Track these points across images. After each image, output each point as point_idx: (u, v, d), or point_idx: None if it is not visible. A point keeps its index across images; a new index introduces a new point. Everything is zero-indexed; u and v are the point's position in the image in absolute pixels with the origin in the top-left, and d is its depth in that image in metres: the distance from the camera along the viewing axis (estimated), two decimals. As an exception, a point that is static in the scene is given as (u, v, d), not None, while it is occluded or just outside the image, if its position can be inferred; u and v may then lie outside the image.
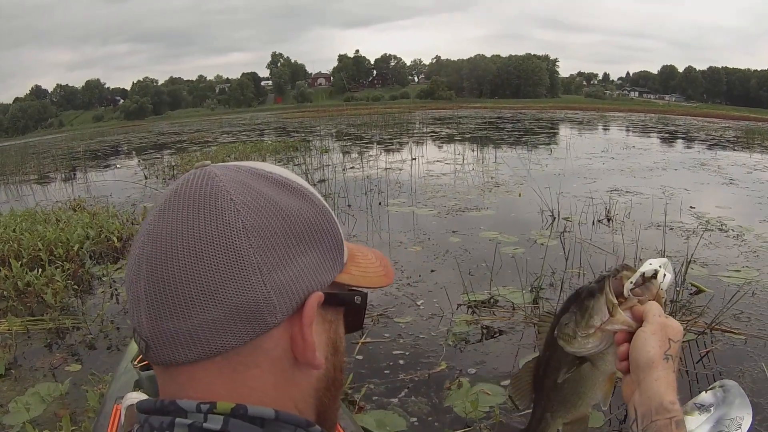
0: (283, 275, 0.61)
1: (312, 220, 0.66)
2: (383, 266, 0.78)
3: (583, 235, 6.53)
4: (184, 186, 0.64)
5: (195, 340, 0.59)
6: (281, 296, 0.61)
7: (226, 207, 0.60)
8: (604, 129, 28.86)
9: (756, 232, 6.65)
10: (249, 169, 0.68)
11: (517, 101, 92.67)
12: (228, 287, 0.58)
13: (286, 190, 0.66)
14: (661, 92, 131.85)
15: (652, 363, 0.90)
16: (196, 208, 0.61)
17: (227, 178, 0.64)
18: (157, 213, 0.64)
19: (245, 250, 0.59)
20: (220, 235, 0.59)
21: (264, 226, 0.61)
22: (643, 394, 0.91)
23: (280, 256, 0.61)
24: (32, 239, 6.34)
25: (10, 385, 3.72)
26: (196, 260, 0.59)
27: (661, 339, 0.91)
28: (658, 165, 12.88)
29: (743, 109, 67.57)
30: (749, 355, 3.71)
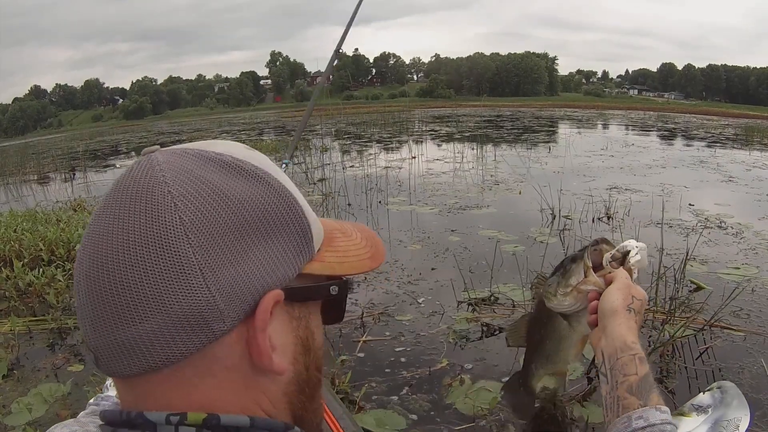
0: (229, 275, 0.54)
1: (266, 207, 0.58)
2: (370, 246, 0.73)
3: (583, 233, 6.54)
4: (124, 178, 0.60)
5: (139, 351, 0.54)
6: (228, 300, 0.54)
7: (163, 201, 0.54)
8: (604, 127, 28.86)
9: (755, 229, 6.67)
10: (196, 152, 0.61)
11: (517, 99, 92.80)
12: (168, 293, 0.52)
13: (235, 174, 0.59)
14: (661, 90, 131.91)
15: (615, 311, 1.06)
16: (131, 205, 0.55)
17: (168, 166, 0.58)
18: (97, 210, 0.60)
19: (184, 250, 0.53)
20: (155, 234, 0.53)
21: (205, 220, 0.54)
22: (608, 337, 1.04)
23: (225, 254, 0.54)
24: (33, 239, 6.35)
25: (13, 386, 3.73)
26: (132, 264, 0.53)
27: (624, 294, 1.07)
28: (658, 163, 12.89)
29: (742, 107, 67.73)
30: (749, 351, 3.72)
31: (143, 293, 0.52)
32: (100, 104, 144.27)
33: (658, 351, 3.68)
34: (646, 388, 0.99)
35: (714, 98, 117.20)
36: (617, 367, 1.02)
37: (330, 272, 0.65)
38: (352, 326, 4.36)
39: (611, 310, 1.06)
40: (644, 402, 1.00)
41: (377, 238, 0.78)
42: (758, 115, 41.16)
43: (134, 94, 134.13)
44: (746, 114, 44.05)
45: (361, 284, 5.27)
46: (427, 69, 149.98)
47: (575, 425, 2.97)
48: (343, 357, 3.84)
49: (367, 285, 5.26)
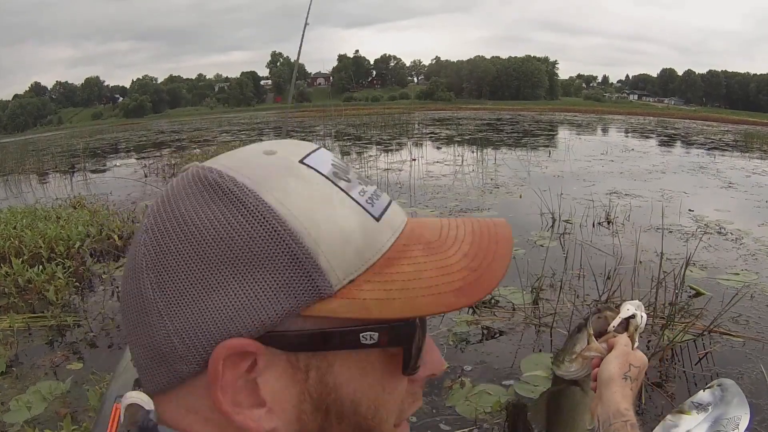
0: (186, 316, 0.48)
1: (237, 238, 0.47)
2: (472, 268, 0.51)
3: (583, 237, 6.55)
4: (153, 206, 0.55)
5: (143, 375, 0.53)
6: (185, 343, 0.48)
7: (139, 237, 0.52)
8: (604, 131, 28.90)
9: (755, 235, 6.68)
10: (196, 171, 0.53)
11: (517, 103, 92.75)
12: (138, 326, 0.50)
13: (212, 196, 0.49)
14: (661, 95, 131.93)
15: (611, 379, 1.07)
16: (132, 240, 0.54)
17: (164, 194, 0.53)
18: None
19: (145, 287, 0.49)
20: (132, 272, 0.51)
21: (165, 256, 0.48)
22: (603, 404, 1.06)
23: (181, 293, 0.48)
24: (33, 236, 6.35)
25: (12, 383, 3.73)
26: (124, 297, 0.52)
27: (622, 362, 1.09)
28: (657, 168, 12.91)
29: (742, 113, 67.77)
30: (747, 357, 3.73)
31: (131, 322, 0.51)
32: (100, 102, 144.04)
33: (658, 355, 3.69)
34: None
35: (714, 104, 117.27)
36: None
37: (360, 314, 0.48)
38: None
39: (608, 378, 1.10)
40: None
41: (499, 250, 0.54)
42: (758, 122, 41.25)
43: (134, 92, 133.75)
44: (746, 120, 44.12)
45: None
46: (427, 71, 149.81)
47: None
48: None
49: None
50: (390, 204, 0.56)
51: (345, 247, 0.49)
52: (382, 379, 0.53)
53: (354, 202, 0.52)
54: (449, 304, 0.49)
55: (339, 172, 0.54)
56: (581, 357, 1.15)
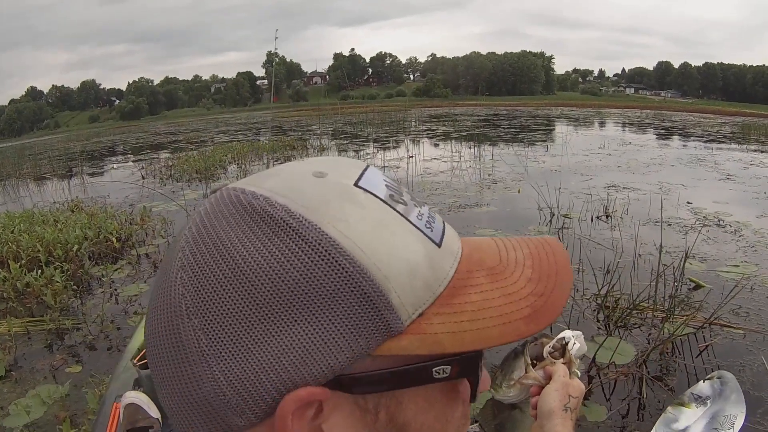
0: (240, 365, 0.43)
1: (297, 276, 0.43)
2: (539, 294, 0.49)
3: (582, 231, 6.54)
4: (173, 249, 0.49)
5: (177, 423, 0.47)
6: (241, 394, 0.43)
7: (172, 273, 0.46)
8: (600, 125, 28.87)
9: (754, 227, 6.67)
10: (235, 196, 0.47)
11: (513, 98, 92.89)
12: (180, 377, 0.45)
13: (263, 228, 0.44)
14: (657, 88, 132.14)
15: (552, 412, 1.08)
16: (159, 273, 0.49)
17: (197, 222, 0.47)
18: None
19: (186, 333, 0.44)
20: (166, 314, 0.45)
21: (211, 298, 0.43)
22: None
23: (233, 340, 0.43)
24: (31, 240, 6.33)
25: (11, 387, 3.71)
26: (155, 341, 0.47)
27: (561, 394, 1.10)
28: (655, 161, 12.89)
29: (739, 105, 67.89)
30: (748, 349, 3.72)
31: (165, 370, 0.46)
32: (96, 105, 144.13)
33: (658, 349, 3.68)
34: None
35: (711, 96, 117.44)
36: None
37: (433, 350, 0.46)
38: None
39: (548, 411, 1.10)
40: None
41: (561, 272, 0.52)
42: (755, 113, 41.27)
43: (131, 94, 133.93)
44: (743, 112, 44.16)
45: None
46: (423, 68, 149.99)
47: (577, 423, 2.96)
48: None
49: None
50: (445, 226, 0.53)
51: (413, 279, 0.45)
52: (445, 409, 0.52)
53: (415, 228, 0.48)
54: (520, 332, 0.47)
55: (394, 194, 0.51)
56: (519, 384, 1.18)
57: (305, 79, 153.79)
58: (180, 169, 14.06)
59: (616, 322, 4.12)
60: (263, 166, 13.76)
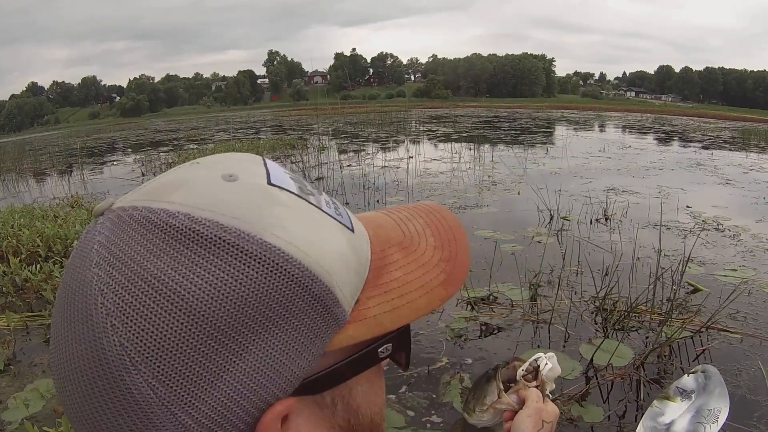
0: (205, 404, 0.40)
1: (248, 295, 0.40)
2: (446, 259, 0.52)
3: (581, 234, 6.56)
4: (67, 266, 0.44)
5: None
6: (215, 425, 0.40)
7: (98, 319, 0.39)
8: (601, 129, 28.91)
9: (752, 231, 6.69)
10: (143, 216, 0.41)
11: (514, 100, 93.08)
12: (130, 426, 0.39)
13: (194, 250, 0.40)
14: (658, 92, 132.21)
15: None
16: (67, 324, 0.41)
17: (105, 252, 0.40)
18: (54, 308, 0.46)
19: (135, 384, 0.38)
20: (98, 366, 0.39)
21: (154, 339, 0.38)
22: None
23: (192, 378, 0.39)
24: (31, 235, 6.33)
25: (9, 381, 3.72)
26: (85, 400, 0.40)
27: (535, 421, 1.07)
28: (655, 165, 12.91)
29: (739, 110, 67.95)
30: (745, 353, 3.73)
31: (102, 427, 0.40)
32: (97, 102, 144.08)
33: (656, 352, 3.69)
34: None
35: (711, 101, 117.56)
36: None
37: (376, 332, 0.47)
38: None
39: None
40: None
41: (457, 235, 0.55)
42: (755, 118, 41.33)
43: (131, 91, 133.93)
44: (743, 117, 44.22)
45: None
46: (424, 69, 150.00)
47: (574, 424, 2.98)
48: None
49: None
50: (346, 209, 0.53)
51: (348, 270, 0.46)
52: (380, 382, 0.56)
53: (331, 218, 0.48)
54: (441, 297, 0.50)
55: (301, 186, 0.49)
56: (492, 408, 1.18)
57: (306, 78, 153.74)
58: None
59: (614, 325, 4.13)
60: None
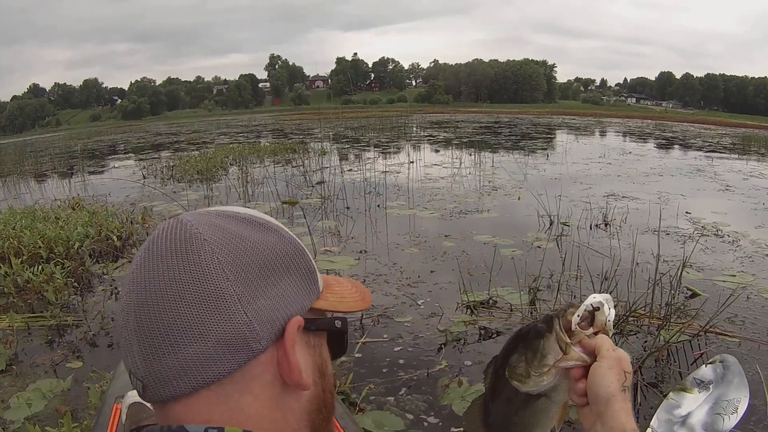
0: (261, 303, 0.64)
1: (282, 252, 0.69)
2: (359, 292, 0.81)
3: (580, 239, 6.58)
4: (160, 234, 0.67)
5: (188, 372, 0.62)
6: (262, 323, 0.63)
7: (201, 247, 0.64)
8: (601, 135, 28.96)
9: (751, 237, 6.71)
10: (217, 211, 0.72)
11: (515, 106, 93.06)
12: (212, 320, 0.61)
13: (254, 226, 0.70)
14: (659, 99, 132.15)
15: (612, 396, 0.92)
16: (174, 252, 0.64)
17: (199, 222, 0.67)
18: (139, 261, 0.67)
19: (223, 284, 0.62)
20: (198, 273, 0.62)
21: (237, 260, 0.64)
22: (605, 425, 0.92)
23: (256, 287, 0.64)
24: (32, 237, 6.36)
25: (11, 381, 3.74)
26: (179, 300, 0.61)
27: (617, 373, 0.93)
28: (655, 171, 12.95)
29: (740, 117, 67.92)
30: (743, 357, 3.74)
31: (193, 322, 0.61)
32: (98, 104, 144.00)
33: (654, 356, 3.71)
34: None
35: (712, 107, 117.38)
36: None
37: (333, 309, 0.74)
38: (352, 327, 4.39)
39: (607, 397, 0.92)
40: None
41: (362, 286, 0.85)
42: (756, 125, 41.37)
43: (133, 94, 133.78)
44: (744, 124, 44.24)
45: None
46: (425, 74, 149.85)
47: (573, 427, 2.99)
48: (342, 359, 3.86)
49: (367, 287, 5.28)
50: None
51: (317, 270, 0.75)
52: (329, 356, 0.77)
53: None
54: (361, 306, 0.78)
55: None
56: (555, 368, 0.97)
57: (307, 82, 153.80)
58: (181, 170, 14.10)
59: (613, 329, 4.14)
60: (264, 168, 13.80)
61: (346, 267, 5.89)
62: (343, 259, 6.17)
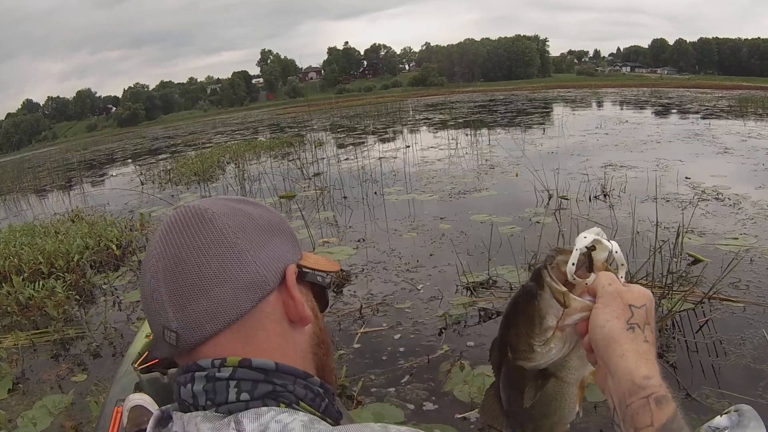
0: (265, 254, 0.80)
1: (272, 220, 0.87)
2: (327, 260, 0.95)
3: (579, 212, 6.54)
4: (176, 215, 0.82)
5: (217, 313, 0.75)
6: (268, 269, 0.80)
7: (213, 217, 0.80)
8: (598, 105, 28.81)
9: (752, 199, 6.66)
10: (220, 197, 0.90)
11: (509, 83, 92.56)
12: (232, 268, 0.77)
13: (247, 203, 0.88)
14: (653, 66, 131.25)
15: (611, 338, 0.75)
16: (193, 224, 0.79)
17: (207, 202, 0.83)
18: (160, 237, 0.80)
19: (236, 241, 0.78)
20: (216, 234, 0.78)
21: (243, 224, 0.81)
22: (613, 377, 0.75)
23: (259, 243, 0.81)
24: (32, 253, 6.36)
25: (18, 400, 3.75)
26: (203, 256, 0.76)
27: (616, 309, 0.76)
28: (653, 138, 12.86)
29: (736, 79, 67.42)
30: (749, 322, 3.72)
31: (216, 271, 0.76)
32: (93, 114, 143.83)
33: (658, 325, 3.68)
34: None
35: (707, 71, 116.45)
36: (627, 418, 0.72)
37: (313, 266, 0.88)
38: (351, 318, 4.37)
39: (604, 339, 0.75)
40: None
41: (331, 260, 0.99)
42: (752, 86, 41.04)
43: (127, 101, 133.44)
44: (740, 85, 43.86)
45: (359, 275, 5.28)
46: (418, 58, 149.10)
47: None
48: (341, 351, 3.86)
49: (366, 275, 5.27)
50: None
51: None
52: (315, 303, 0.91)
53: None
54: (332, 267, 0.92)
55: None
56: (559, 330, 0.81)
57: (301, 75, 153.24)
58: (178, 173, 14.08)
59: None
60: (260, 164, 13.77)
61: (344, 257, 5.88)
62: (341, 249, 6.16)
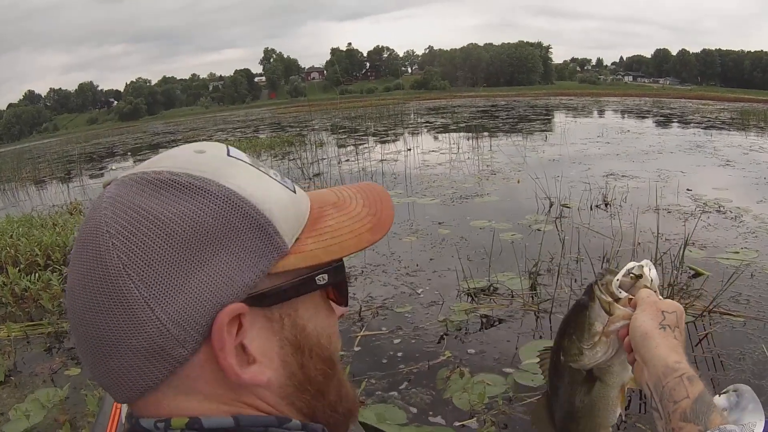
0: (177, 302, 0.54)
1: (209, 221, 0.56)
2: (372, 214, 0.69)
3: (581, 220, 6.52)
4: (84, 219, 0.61)
5: (123, 382, 0.57)
6: (181, 326, 0.54)
7: (103, 243, 0.54)
8: (599, 114, 28.83)
9: (754, 213, 6.64)
10: (138, 177, 0.59)
11: (511, 89, 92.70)
12: (124, 330, 0.54)
13: (170, 192, 0.57)
14: (656, 76, 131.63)
15: (646, 334, 0.89)
16: (81, 253, 0.57)
17: (111, 202, 0.57)
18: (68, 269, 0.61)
19: (127, 287, 0.53)
20: (101, 276, 0.54)
21: (142, 252, 0.54)
22: (648, 365, 0.89)
23: (168, 282, 0.54)
24: (29, 244, 6.32)
25: (10, 392, 3.71)
26: (91, 308, 0.55)
27: (652, 313, 0.91)
28: (654, 148, 12.85)
29: (738, 91, 67.47)
30: (749, 337, 3.70)
31: (106, 333, 0.55)
32: (94, 107, 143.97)
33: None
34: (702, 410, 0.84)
35: (709, 83, 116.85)
36: (665, 396, 0.86)
37: (312, 262, 0.61)
38: (351, 321, 4.35)
39: (642, 336, 0.90)
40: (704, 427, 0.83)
41: (383, 199, 0.72)
42: (754, 99, 41.06)
43: (129, 95, 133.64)
44: (742, 98, 43.90)
45: (358, 278, 5.26)
46: (421, 61, 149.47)
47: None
48: (341, 353, 3.83)
49: (365, 278, 5.25)
50: (294, 184, 0.69)
51: (287, 212, 0.61)
52: (328, 313, 0.68)
53: (276, 180, 0.65)
54: (369, 240, 0.66)
55: (254, 161, 0.66)
56: (605, 335, 0.96)
57: (303, 74, 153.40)
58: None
59: (616, 312, 4.10)
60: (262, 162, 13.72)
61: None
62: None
